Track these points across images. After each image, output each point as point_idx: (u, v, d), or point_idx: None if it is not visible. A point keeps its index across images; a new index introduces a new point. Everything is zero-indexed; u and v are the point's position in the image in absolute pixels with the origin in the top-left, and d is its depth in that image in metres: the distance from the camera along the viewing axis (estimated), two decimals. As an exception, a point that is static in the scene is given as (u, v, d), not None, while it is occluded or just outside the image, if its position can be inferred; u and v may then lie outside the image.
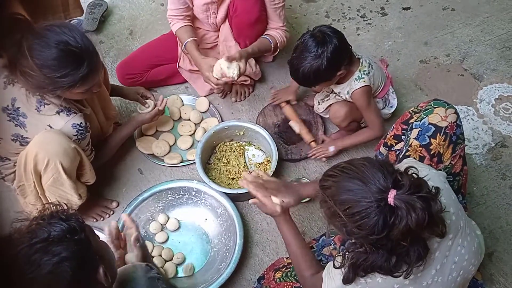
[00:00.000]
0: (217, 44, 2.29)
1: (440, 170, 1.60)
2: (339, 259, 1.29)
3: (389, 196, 1.11)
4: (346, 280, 1.27)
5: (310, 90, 2.33)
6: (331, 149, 2.08)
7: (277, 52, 2.24)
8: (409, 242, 1.14)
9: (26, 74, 1.50)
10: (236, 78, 1.98)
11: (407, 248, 1.15)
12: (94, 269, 1.11)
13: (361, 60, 1.92)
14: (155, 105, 2.07)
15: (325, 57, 1.77)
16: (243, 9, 2.06)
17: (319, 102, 2.15)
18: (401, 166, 1.39)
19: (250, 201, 1.64)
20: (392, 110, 2.12)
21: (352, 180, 1.15)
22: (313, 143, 2.14)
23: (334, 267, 1.33)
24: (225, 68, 1.97)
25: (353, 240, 1.22)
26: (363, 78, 1.91)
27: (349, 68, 1.89)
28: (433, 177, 1.34)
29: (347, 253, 1.25)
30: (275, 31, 2.17)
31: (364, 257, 1.19)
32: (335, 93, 2.06)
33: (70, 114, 1.65)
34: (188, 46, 2.11)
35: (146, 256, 1.50)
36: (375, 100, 2.06)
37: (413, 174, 1.19)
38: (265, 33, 2.17)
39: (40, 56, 1.48)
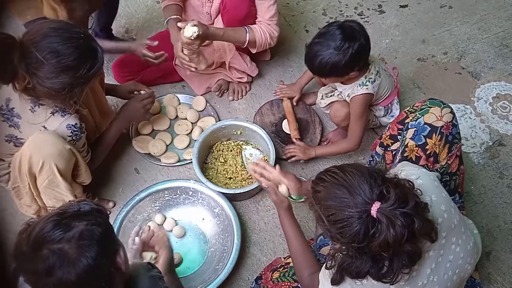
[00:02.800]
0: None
1: (437, 170, 1.60)
2: (330, 260, 1.29)
3: (372, 208, 1.11)
4: (334, 282, 1.28)
5: (310, 89, 2.33)
6: (301, 155, 2.06)
7: (256, 48, 2.14)
8: (390, 253, 1.14)
9: (48, 84, 1.48)
10: (187, 36, 1.87)
11: (390, 258, 1.16)
12: (116, 250, 1.13)
13: (370, 66, 1.88)
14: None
15: (348, 53, 1.71)
16: (232, 5, 2.05)
17: (322, 97, 2.12)
18: (394, 171, 1.40)
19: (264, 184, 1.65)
20: (392, 119, 2.10)
21: (339, 188, 1.16)
22: (297, 140, 2.12)
23: (325, 268, 1.33)
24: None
25: (338, 245, 1.22)
26: (367, 85, 1.87)
27: (360, 71, 1.86)
28: (423, 176, 1.35)
29: (337, 254, 1.25)
30: (258, 25, 2.09)
31: (349, 261, 1.20)
32: (337, 91, 2.04)
33: (65, 115, 1.64)
34: (170, 22, 2.08)
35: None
36: (378, 107, 2.05)
37: (404, 185, 1.18)
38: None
39: (61, 62, 1.46)
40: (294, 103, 2.26)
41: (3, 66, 1.43)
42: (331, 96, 2.08)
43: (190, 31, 1.87)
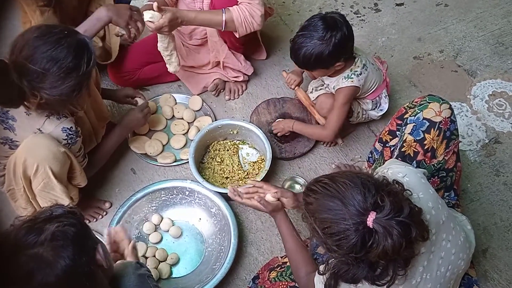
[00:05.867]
0: (207, 40, 2.26)
1: (434, 165, 1.61)
2: (322, 266, 1.29)
3: (368, 219, 1.10)
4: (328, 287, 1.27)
5: (305, 86, 2.33)
6: (277, 128, 2.12)
7: (238, 32, 2.00)
8: (387, 260, 1.14)
9: (57, 92, 1.47)
10: (146, 19, 1.84)
11: (386, 264, 1.16)
12: (93, 248, 1.13)
13: (356, 59, 1.91)
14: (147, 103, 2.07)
15: (331, 42, 1.74)
16: (220, 6, 2.01)
17: (312, 90, 2.13)
18: (381, 169, 1.39)
19: (252, 201, 1.63)
20: (381, 113, 2.12)
21: (332, 199, 1.14)
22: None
23: (318, 273, 1.33)
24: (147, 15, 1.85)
25: (334, 255, 1.21)
26: (352, 78, 1.90)
27: (346, 62, 1.88)
28: (409, 174, 1.34)
29: (330, 260, 1.24)
30: (237, 6, 1.97)
31: (346, 269, 1.19)
32: (325, 84, 2.05)
33: (60, 118, 1.63)
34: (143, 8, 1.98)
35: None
36: (366, 101, 2.05)
37: (397, 191, 1.17)
38: None
39: (61, 67, 1.45)
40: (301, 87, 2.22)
41: (6, 91, 1.41)
42: (320, 89, 2.09)
43: (146, 15, 1.84)
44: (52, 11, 1.96)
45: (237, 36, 2.05)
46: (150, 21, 1.83)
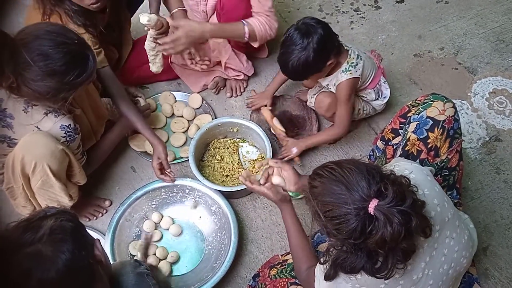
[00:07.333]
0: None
1: (437, 164, 1.61)
2: (324, 255, 1.30)
3: (369, 205, 1.11)
4: (327, 277, 1.28)
5: (300, 86, 2.32)
6: (294, 150, 2.07)
7: (257, 43, 2.07)
8: (386, 250, 1.14)
9: (34, 86, 1.47)
10: (143, 22, 1.85)
11: (385, 254, 1.16)
12: (91, 243, 1.13)
13: (349, 52, 1.92)
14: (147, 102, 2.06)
15: (311, 48, 1.76)
16: (230, 6, 2.03)
17: (312, 97, 2.13)
18: (388, 166, 1.39)
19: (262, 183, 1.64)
20: (385, 100, 2.10)
21: (337, 184, 1.16)
22: (284, 139, 2.12)
23: (319, 263, 1.33)
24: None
25: (334, 240, 1.22)
26: (350, 70, 1.91)
27: (338, 58, 1.88)
28: (416, 171, 1.35)
29: (331, 249, 1.25)
30: (256, 18, 2.01)
31: (344, 257, 1.20)
32: (324, 87, 2.05)
33: (58, 116, 1.62)
34: (175, 14, 2.04)
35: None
36: (368, 91, 2.05)
37: (402, 182, 1.18)
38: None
39: (48, 66, 1.44)
40: (269, 108, 2.22)
41: None
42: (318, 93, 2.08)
43: (143, 18, 1.82)
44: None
45: (255, 46, 2.10)
46: (147, 24, 1.84)
